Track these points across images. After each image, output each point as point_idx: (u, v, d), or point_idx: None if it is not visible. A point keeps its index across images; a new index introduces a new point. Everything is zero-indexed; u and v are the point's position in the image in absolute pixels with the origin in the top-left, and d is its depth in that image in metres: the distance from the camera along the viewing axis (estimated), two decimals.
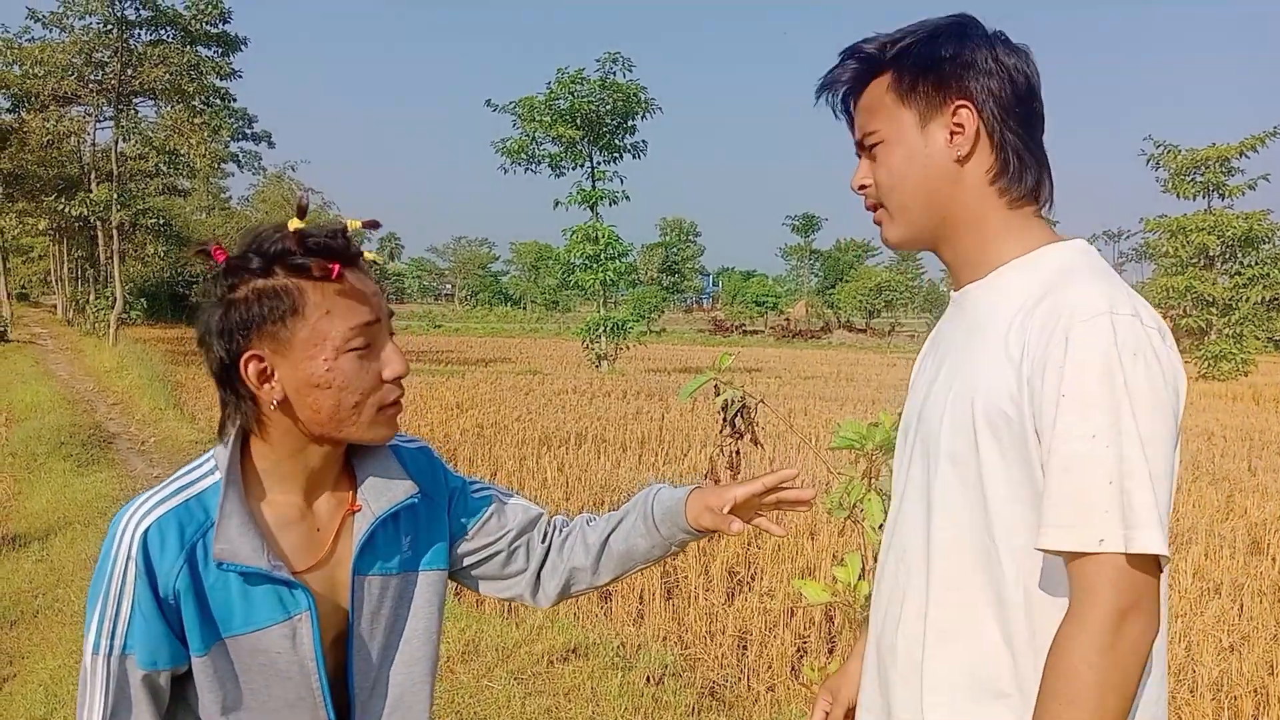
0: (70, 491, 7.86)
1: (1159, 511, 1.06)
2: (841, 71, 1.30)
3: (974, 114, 1.21)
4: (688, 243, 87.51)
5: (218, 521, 1.17)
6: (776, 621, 4.95)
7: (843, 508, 3.22)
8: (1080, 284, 1.15)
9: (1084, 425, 1.07)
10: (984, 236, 1.25)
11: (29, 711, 3.92)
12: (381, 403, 1.22)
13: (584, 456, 9.48)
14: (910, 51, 1.24)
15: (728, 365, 3.31)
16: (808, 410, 14.21)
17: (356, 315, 1.18)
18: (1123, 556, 1.05)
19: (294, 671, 1.22)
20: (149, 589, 1.16)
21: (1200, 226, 26.88)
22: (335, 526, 1.28)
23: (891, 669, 1.31)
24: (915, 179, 1.25)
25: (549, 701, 3.98)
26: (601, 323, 24.46)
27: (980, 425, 1.17)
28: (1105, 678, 1.05)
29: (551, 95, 24.69)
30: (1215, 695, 4.14)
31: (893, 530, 1.37)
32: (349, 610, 1.27)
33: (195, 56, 24.06)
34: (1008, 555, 1.17)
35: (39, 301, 55.27)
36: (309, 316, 1.16)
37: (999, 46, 1.24)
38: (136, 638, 1.16)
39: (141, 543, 1.16)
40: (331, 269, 1.15)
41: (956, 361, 1.26)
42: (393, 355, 1.23)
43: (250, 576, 1.18)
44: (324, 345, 1.16)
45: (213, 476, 1.22)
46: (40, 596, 5.37)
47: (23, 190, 27.56)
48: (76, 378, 17.21)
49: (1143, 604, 1.06)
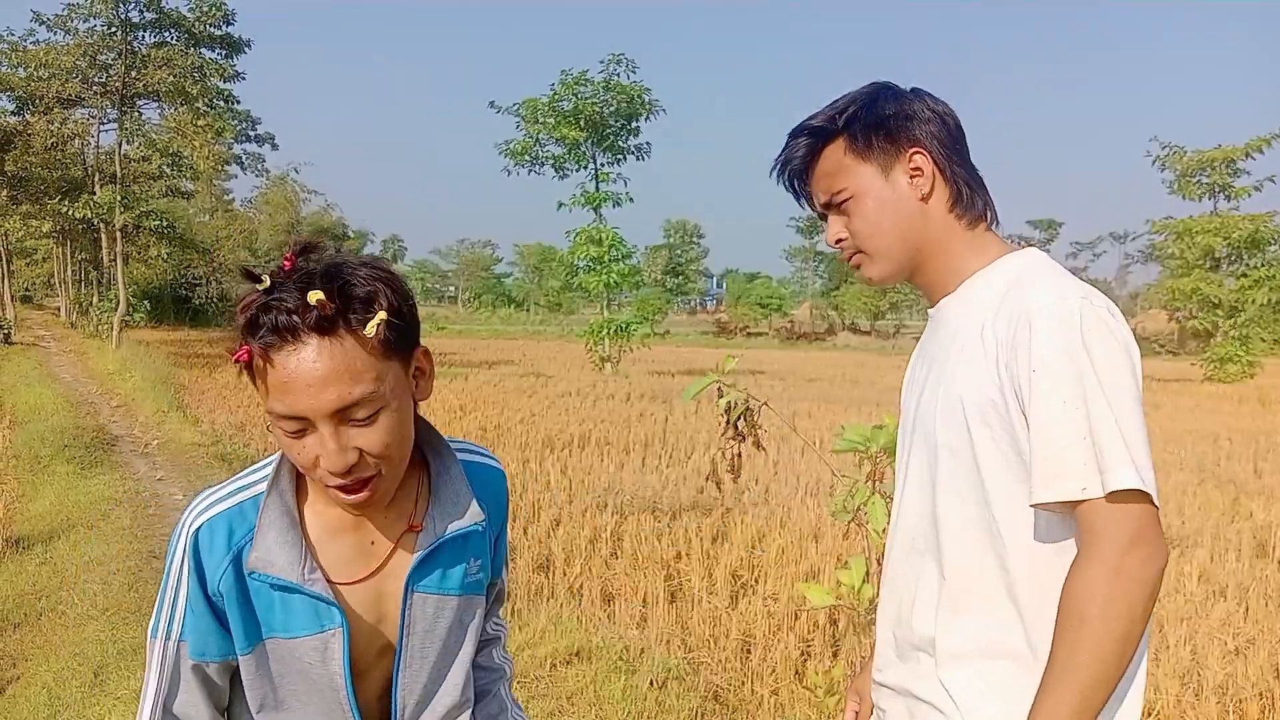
0: (74, 494, 7.86)
1: (1130, 453, 1.20)
2: (795, 148, 1.47)
3: (927, 156, 1.40)
4: (692, 244, 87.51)
5: (257, 531, 1.18)
6: (780, 625, 4.94)
7: (846, 511, 3.21)
8: (1035, 281, 1.33)
9: (1055, 394, 1.23)
10: (951, 257, 1.44)
11: (32, 715, 3.92)
12: (324, 482, 1.12)
13: (587, 459, 9.46)
14: (859, 116, 1.42)
15: (731, 367, 3.30)
16: (811, 413, 14.19)
17: (276, 403, 1.07)
18: (1112, 496, 1.19)
19: (324, 684, 1.23)
20: (199, 585, 1.19)
21: (1206, 228, 26.81)
22: (392, 541, 1.26)
23: (909, 647, 1.43)
24: (889, 221, 1.42)
25: (552, 705, 3.97)
26: (605, 325, 24.44)
27: (971, 415, 1.33)
28: (1111, 600, 1.18)
29: (555, 97, 24.69)
30: (1220, 699, 4.12)
31: (897, 522, 1.51)
32: (399, 625, 1.26)
33: (199, 59, 24.10)
34: (1007, 526, 1.31)
35: (42, 304, 55.36)
36: (257, 379, 1.09)
37: (926, 97, 1.44)
38: (189, 629, 1.20)
39: (193, 541, 1.19)
40: (238, 352, 1.06)
41: (943, 366, 1.42)
42: (326, 450, 1.08)
43: (284, 588, 1.18)
44: (267, 410, 1.10)
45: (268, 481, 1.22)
46: (44, 599, 5.37)
47: (27, 193, 27.59)
48: (80, 380, 17.23)
49: (1144, 534, 1.20)
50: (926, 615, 1.39)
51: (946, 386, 1.38)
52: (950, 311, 1.44)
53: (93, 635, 4.70)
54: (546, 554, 6.12)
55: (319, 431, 1.07)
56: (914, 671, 1.41)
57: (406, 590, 1.25)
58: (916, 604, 1.41)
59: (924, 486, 1.43)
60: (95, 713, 3.89)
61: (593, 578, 5.67)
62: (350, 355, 1.05)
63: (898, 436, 1.58)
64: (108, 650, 4.49)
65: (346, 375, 1.05)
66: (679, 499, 7.68)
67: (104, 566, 5.82)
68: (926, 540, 1.41)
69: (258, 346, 1.05)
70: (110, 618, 4.92)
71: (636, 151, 25.73)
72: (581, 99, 24.40)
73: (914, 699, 1.41)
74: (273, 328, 1.03)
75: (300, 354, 1.04)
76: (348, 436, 1.09)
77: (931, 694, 1.38)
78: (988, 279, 1.40)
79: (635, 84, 24.56)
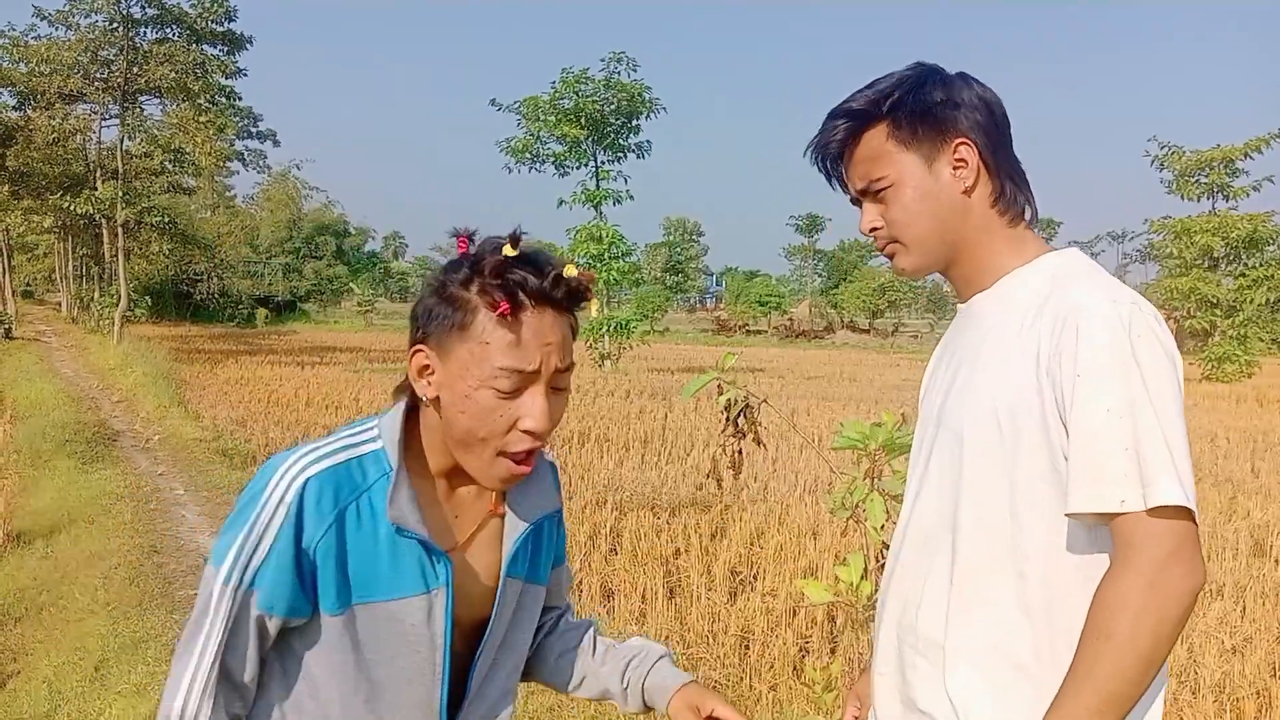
0: (75, 489, 7.88)
1: (1175, 468, 1.16)
2: (834, 131, 1.40)
3: (973, 148, 1.34)
4: (691, 242, 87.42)
5: (391, 487, 1.19)
6: (779, 621, 4.95)
7: (845, 508, 3.22)
8: (1080, 283, 1.28)
9: (1099, 401, 1.19)
10: (989, 254, 1.39)
11: (33, 709, 3.94)
12: (505, 448, 1.19)
13: (587, 455, 9.48)
14: (905, 102, 1.35)
15: (731, 365, 3.32)
16: (810, 410, 14.20)
17: (511, 358, 1.16)
18: (1151, 511, 1.15)
19: (423, 644, 1.24)
20: (293, 538, 1.17)
21: (1205, 228, 26.84)
22: (476, 519, 1.31)
23: (912, 650, 1.38)
24: (929, 214, 1.37)
25: (551, 700, 3.98)
26: (605, 322, 24.46)
27: (1003, 417, 1.29)
28: (1143, 614, 1.14)
29: (556, 95, 24.71)
30: (1218, 697, 4.14)
31: (909, 520, 1.46)
32: (492, 607, 1.31)
33: (201, 55, 24.10)
34: (1030, 533, 1.28)
35: (44, 299, 55.39)
36: (470, 339, 1.16)
37: (974, 83, 1.38)
38: (265, 579, 1.18)
39: (299, 492, 1.17)
40: (499, 305, 1.14)
41: (974, 364, 1.37)
42: (537, 408, 1.19)
43: (409, 546, 1.21)
44: (473, 370, 1.16)
45: (375, 444, 1.24)
46: (45, 593, 5.39)
47: (28, 188, 27.59)
48: (81, 375, 17.24)
49: (1183, 550, 1.15)
50: (934, 617, 1.36)
51: (978, 385, 1.34)
52: (984, 308, 1.40)
53: (93, 630, 4.72)
54: None
55: (533, 392, 1.18)
56: (915, 676, 1.38)
57: (504, 577, 1.31)
58: (923, 605, 1.38)
59: (945, 486, 1.38)
60: (95, 707, 3.91)
61: (592, 573, 5.69)
62: (567, 328, 1.22)
63: (916, 432, 1.53)
64: (108, 644, 4.51)
65: (568, 343, 1.22)
66: (678, 495, 7.70)
67: (105, 561, 5.84)
68: (940, 540, 1.37)
69: (510, 304, 1.14)
70: (111, 612, 4.94)
71: (637, 149, 25.77)
72: (582, 97, 24.42)
73: (916, 706, 1.38)
74: (534, 292, 1.16)
75: (543, 318, 1.18)
76: (550, 402, 1.21)
77: (932, 702, 1.35)
78: (1025, 278, 1.36)
79: (636, 82, 24.59)
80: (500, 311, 1.14)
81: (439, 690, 1.27)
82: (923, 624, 1.37)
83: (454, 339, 1.17)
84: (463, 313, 1.16)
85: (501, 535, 1.33)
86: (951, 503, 1.36)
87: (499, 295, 1.14)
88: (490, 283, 1.15)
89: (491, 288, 1.15)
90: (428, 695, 1.26)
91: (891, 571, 1.47)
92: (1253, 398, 20.31)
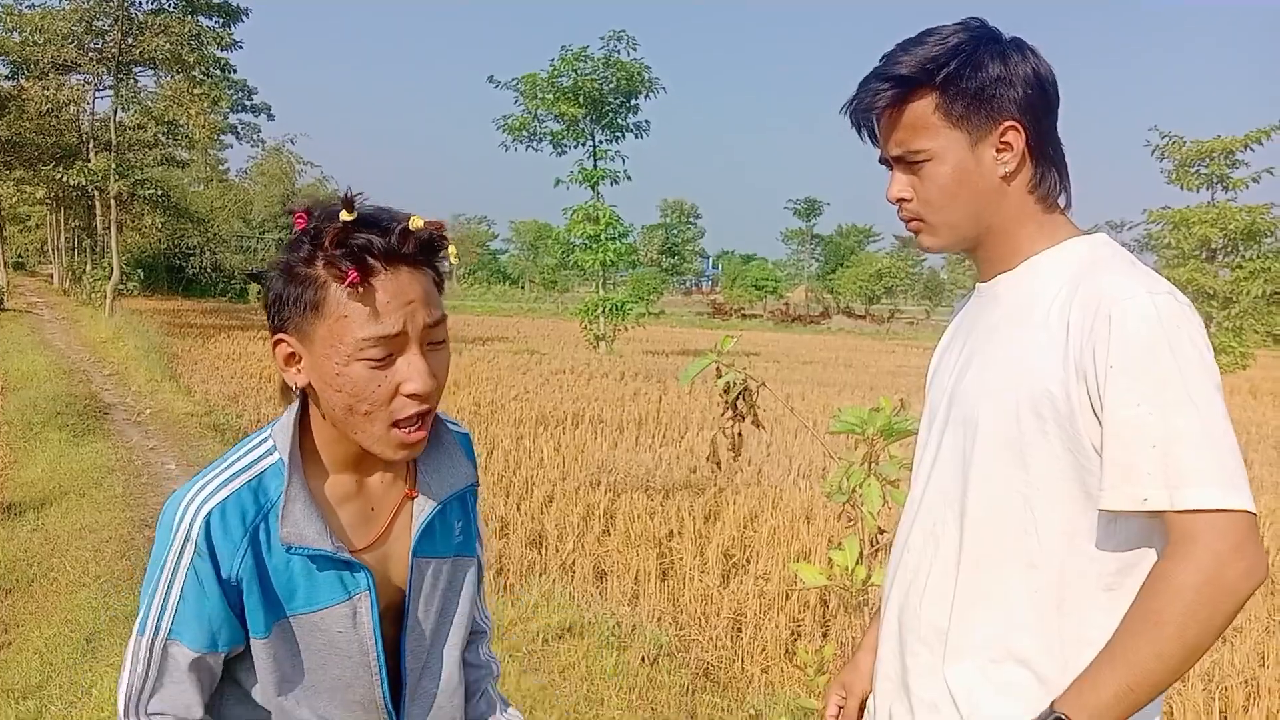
0: (66, 461, 7.85)
1: (1216, 468, 1.13)
2: (877, 95, 1.31)
3: (1020, 132, 1.28)
4: (688, 225, 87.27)
5: (283, 504, 1.16)
6: (771, 605, 4.96)
7: (842, 492, 3.21)
8: (1113, 270, 1.23)
9: (1130, 394, 1.16)
10: (1020, 237, 1.33)
11: (24, 680, 3.92)
12: (394, 417, 1.15)
13: (581, 437, 9.47)
14: (960, 75, 1.26)
15: (730, 348, 3.29)
16: (805, 395, 14.21)
17: (373, 325, 1.11)
18: (1215, 511, 1.12)
19: (353, 650, 1.22)
20: (212, 573, 1.15)
21: (1203, 219, 26.79)
22: (392, 507, 1.28)
23: (914, 637, 1.36)
24: (965, 196, 1.31)
25: (544, 679, 3.98)
26: (600, 303, 24.41)
27: (1024, 405, 1.24)
28: (1197, 608, 1.11)
29: (555, 72, 24.54)
30: (1206, 685, 4.16)
31: (917, 506, 1.42)
32: (405, 591, 1.28)
33: (196, 26, 23.85)
34: (1046, 527, 1.24)
35: (35, 270, 55.13)
36: (327, 316, 1.11)
37: (1028, 54, 1.29)
38: (187, 623, 1.15)
39: (204, 526, 1.15)
40: (348, 274, 1.09)
41: (993, 347, 1.33)
42: (415, 370, 1.14)
43: (315, 559, 1.18)
44: (338, 348, 1.11)
45: (272, 457, 1.20)
46: (35, 565, 5.37)
47: (20, 158, 27.38)
48: (72, 347, 17.16)
49: (1246, 546, 1.12)
50: (938, 604, 1.33)
51: (997, 369, 1.29)
52: (1006, 290, 1.35)
53: (84, 602, 4.71)
54: (539, 530, 6.13)
55: (408, 355, 1.14)
56: (915, 663, 1.35)
57: (413, 558, 1.27)
58: (928, 592, 1.35)
59: (956, 470, 1.34)
60: (86, 679, 3.89)
61: (585, 554, 5.69)
62: (429, 281, 1.16)
63: (925, 412, 1.48)
64: (99, 617, 4.50)
65: (432, 297, 1.16)
66: (672, 478, 7.70)
67: (96, 534, 5.82)
68: (947, 527, 1.34)
69: (356, 270, 1.09)
70: (102, 585, 4.92)
71: (635, 129, 25.62)
72: (581, 75, 24.26)
73: (915, 696, 1.35)
74: (381, 252, 1.10)
75: (398, 278, 1.12)
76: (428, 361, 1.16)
77: (933, 692, 1.33)
78: (1053, 262, 1.30)
79: (635, 61, 24.43)
80: (350, 281, 1.08)
81: (379, 689, 1.26)
82: (926, 611, 1.34)
83: (311, 320, 1.12)
84: (313, 291, 1.11)
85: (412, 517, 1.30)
86: (960, 488, 1.32)
87: (345, 264, 1.09)
88: (333, 254, 1.09)
89: (336, 258, 1.09)
90: (369, 695, 1.26)
91: (899, 556, 1.44)
92: (1246, 390, 20.41)
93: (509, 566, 5.43)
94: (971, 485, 1.31)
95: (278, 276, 1.14)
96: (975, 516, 1.30)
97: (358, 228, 1.10)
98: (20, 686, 3.87)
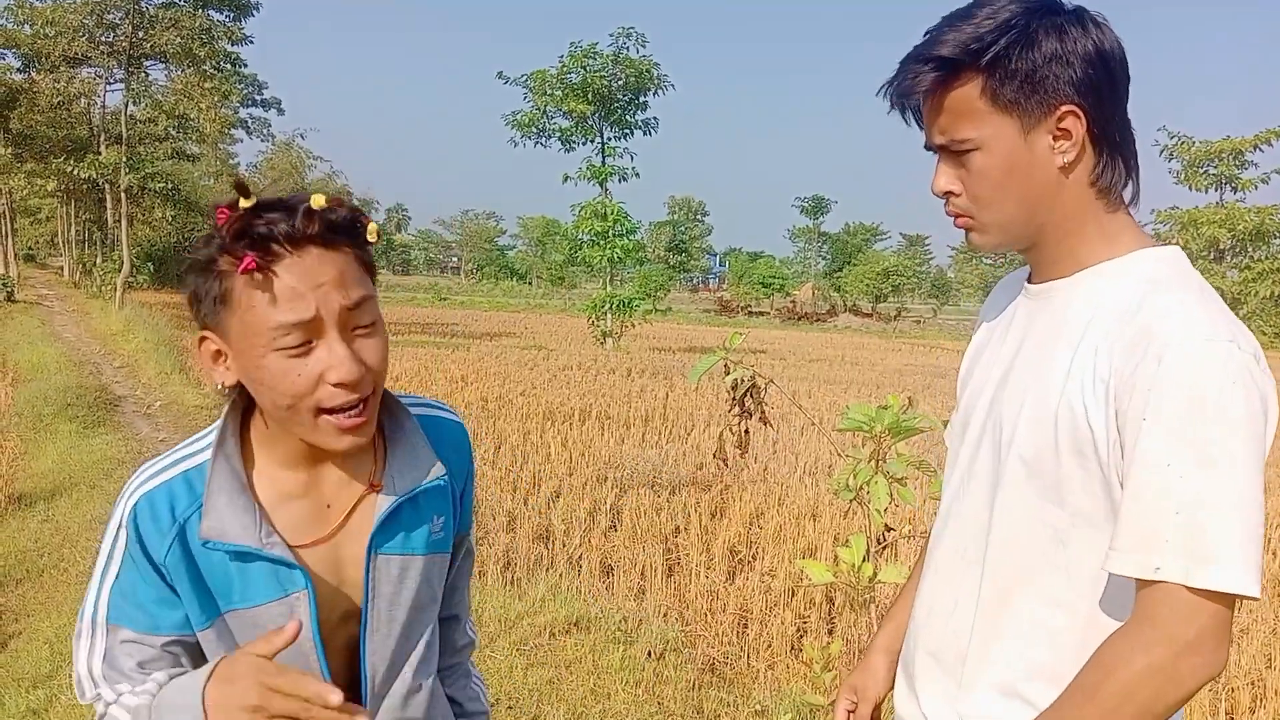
0: (76, 453, 7.90)
1: (1241, 546, 1.02)
2: (919, 79, 1.18)
3: (1081, 119, 1.14)
4: (696, 222, 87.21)
5: (205, 498, 1.12)
6: (777, 601, 4.97)
7: (849, 489, 3.22)
8: (1176, 303, 1.09)
9: (1161, 453, 1.04)
10: (1080, 239, 1.20)
11: (35, 669, 3.96)
12: (318, 406, 1.09)
13: (588, 432, 9.49)
14: (1009, 55, 1.12)
15: (737, 345, 3.30)
16: (811, 393, 14.20)
17: (280, 313, 1.05)
18: (1187, 589, 1.03)
19: (292, 652, 1.15)
20: (144, 556, 1.13)
21: (1211, 219, 26.74)
22: (350, 502, 1.22)
23: (931, 656, 1.31)
24: (1018, 190, 1.18)
25: (550, 673, 4.00)
26: (607, 300, 24.42)
27: (1063, 438, 1.14)
28: (1138, 693, 1.04)
29: (564, 69, 24.53)
30: (1213, 687, 4.16)
31: (945, 520, 1.34)
32: (364, 588, 1.22)
33: (207, 20, 23.92)
34: (1078, 568, 1.16)
35: (45, 263, 55.29)
36: (236, 308, 1.07)
37: (1090, 27, 1.14)
38: (122, 607, 1.14)
39: (132, 515, 1.14)
40: (244, 261, 1.03)
41: (1039, 362, 1.21)
42: (336, 357, 1.07)
43: (244, 555, 1.14)
44: (252, 340, 1.07)
45: (209, 451, 1.17)
46: (45, 556, 5.41)
47: (31, 151, 27.47)
48: (83, 340, 17.24)
49: (1205, 642, 1.03)
50: (959, 630, 1.26)
51: (1039, 394, 1.18)
52: (1060, 299, 1.22)
53: None
54: (547, 525, 6.15)
55: (326, 341, 1.08)
56: (932, 688, 1.31)
57: (369, 552, 1.21)
58: (951, 615, 1.28)
59: (987, 492, 1.25)
60: None
61: (592, 549, 5.71)
62: (347, 262, 1.09)
63: (957, 418, 1.37)
64: None
65: (350, 278, 1.09)
66: (678, 474, 7.71)
67: (105, 525, 5.86)
68: (971, 550, 1.26)
69: (257, 258, 1.04)
70: None
71: (644, 126, 25.61)
72: (590, 72, 24.24)
73: (925, 717, 1.31)
74: (284, 235, 1.05)
75: (305, 260, 1.06)
76: (353, 347, 1.10)
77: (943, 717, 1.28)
78: (1116, 278, 1.17)
79: (644, 58, 24.41)
80: (245, 269, 1.03)
81: None
82: (946, 635, 1.29)
83: (223, 314, 1.08)
84: (219, 283, 1.07)
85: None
86: (988, 513, 1.24)
87: (241, 251, 1.04)
88: (232, 243, 1.05)
89: (234, 247, 1.05)
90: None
91: (927, 572, 1.38)
92: None
93: (516, 561, 5.45)
94: (997, 508, 1.22)
95: (190, 272, 1.11)
96: (1001, 546, 1.22)
97: (258, 213, 1.06)
98: (31, 676, 3.90)
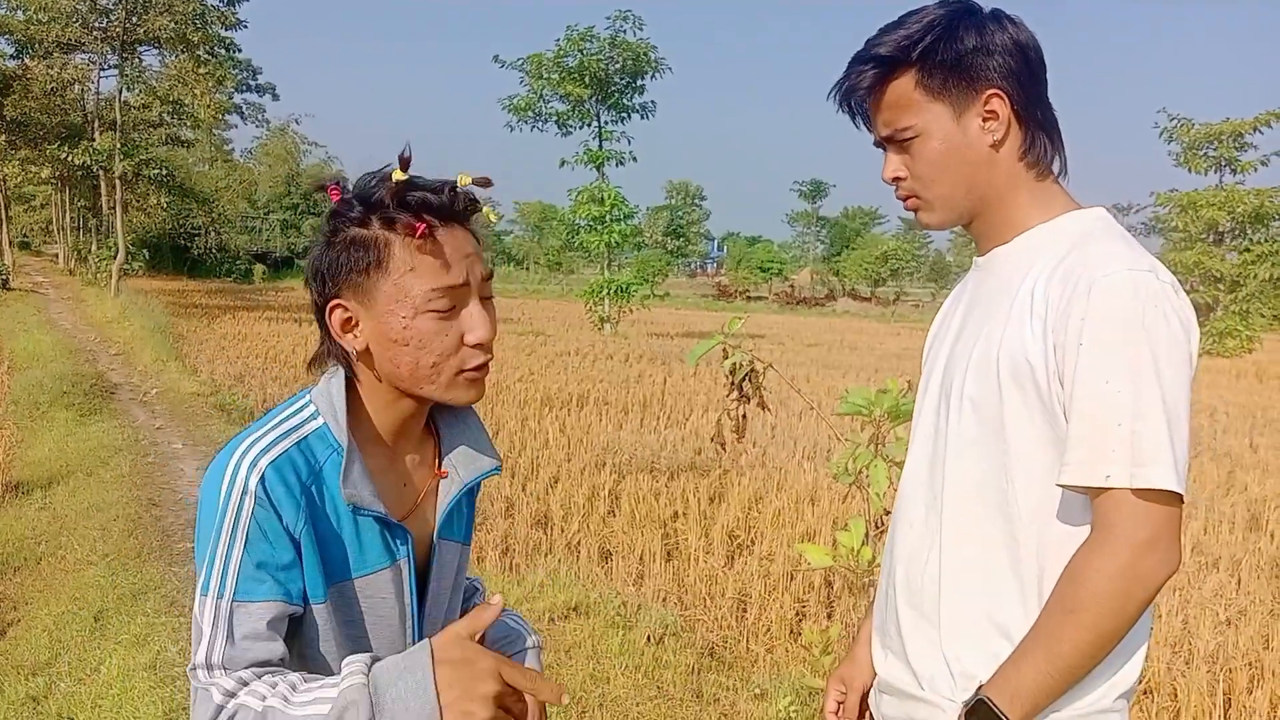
0: (73, 440, 7.88)
1: (1172, 451, 1.14)
2: (861, 77, 1.34)
3: (1005, 100, 1.29)
4: (693, 206, 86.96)
5: (344, 465, 1.16)
6: (776, 585, 4.97)
7: (849, 473, 3.21)
8: (1100, 244, 1.24)
9: (1100, 371, 1.16)
10: (1014, 207, 1.34)
11: (33, 657, 3.95)
12: (461, 366, 1.18)
13: (586, 418, 9.48)
14: (935, 49, 1.28)
15: (736, 329, 3.28)
16: (810, 377, 14.20)
17: (439, 277, 1.14)
18: (1137, 491, 1.14)
19: (394, 617, 1.23)
20: (277, 521, 1.12)
21: (1211, 202, 26.65)
22: (423, 484, 1.29)
23: (913, 608, 1.38)
24: (955, 168, 1.32)
25: (550, 658, 4.00)
26: (605, 285, 24.39)
27: (1004, 374, 1.25)
28: (1108, 596, 1.15)
29: (560, 52, 24.44)
30: (1211, 668, 4.16)
31: (909, 476, 1.44)
32: (429, 572, 1.29)
33: (201, 5, 23.75)
34: (1024, 497, 1.26)
35: (40, 250, 55.06)
36: (392, 272, 1.14)
37: (1007, 24, 1.30)
38: (253, 578, 1.11)
39: (261, 480, 1.11)
40: (417, 227, 1.12)
41: (982, 320, 1.34)
42: (478, 320, 1.18)
43: (368, 521, 1.20)
44: (404, 302, 1.14)
45: (316, 421, 1.19)
46: (43, 543, 5.40)
47: (25, 138, 27.33)
48: (78, 327, 17.19)
49: (1161, 538, 1.15)
50: (931, 577, 1.34)
51: (985, 340, 1.30)
52: (1002, 262, 1.36)
53: (92, 580, 4.73)
54: (545, 510, 6.15)
55: (469, 306, 1.18)
56: (917, 636, 1.36)
57: (436, 539, 1.29)
58: (926, 565, 1.36)
59: (940, 442, 1.36)
60: (95, 656, 3.92)
61: (590, 535, 5.71)
62: (475, 241, 1.21)
63: (920, 383, 1.50)
64: (107, 595, 4.53)
65: (481, 253, 1.21)
66: (677, 459, 7.71)
67: (103, 513, 5.84)
68: (933, 499, 1.36)
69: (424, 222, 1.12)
70: (110, 563, 4.95)
71: (641, 110, 25.53)
72: (587, 55, 24.15)
73: (912, 669, 1.36)
74: (437, 208, 1.14)
75: (455, 232, 1.17)
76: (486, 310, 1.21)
77: (930, 665, 1.34)
78: (1048, 236, 1.31)
79: (641, 41, 24.30)
80: (420, 234, 1.12)
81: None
82: (927, 584, 1.36)
83: (374, 280, 1.14)
84: (375, 250, 1.13)
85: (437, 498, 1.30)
86: (942, 460, 1.35)
87: (410, 218, 1.12)
88: (395, 212, 1.13)
89: (399, 215, 1.13)
90: None
91: (894, 529, 1.46)
92: (1253, 373, 20.32)
93: (515, 546, 5.44)
94: (950, 458, 1.33)
95: (326, 244, 1.16)
96: (955, 486, 1.32)
97: (411, 187, 1.14)
98: (30, 663, 3.90)
